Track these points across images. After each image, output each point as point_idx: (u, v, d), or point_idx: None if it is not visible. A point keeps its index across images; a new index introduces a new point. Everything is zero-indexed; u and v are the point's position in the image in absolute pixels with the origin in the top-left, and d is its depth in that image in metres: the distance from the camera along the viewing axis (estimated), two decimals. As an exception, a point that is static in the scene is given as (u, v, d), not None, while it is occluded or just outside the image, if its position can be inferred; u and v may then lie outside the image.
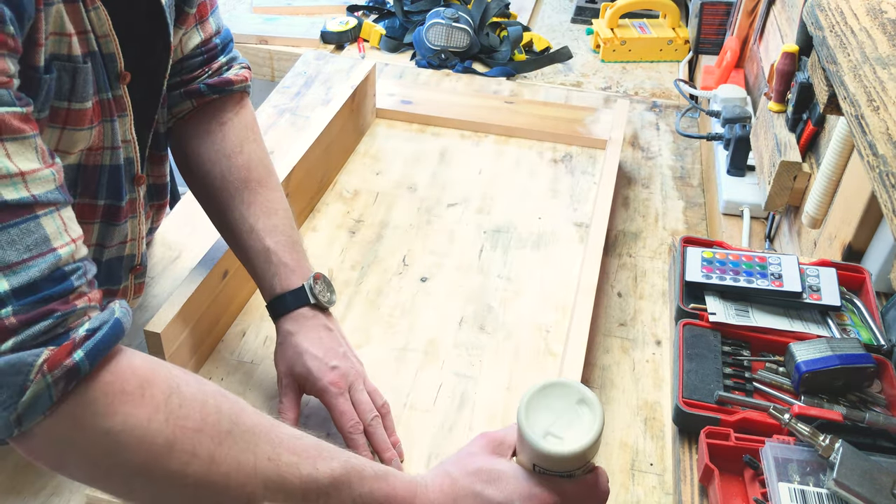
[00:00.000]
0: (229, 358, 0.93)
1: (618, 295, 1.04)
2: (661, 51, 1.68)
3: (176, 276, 1.04)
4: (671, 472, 0.81)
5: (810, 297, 0.87)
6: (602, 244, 0.98)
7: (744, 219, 1.13)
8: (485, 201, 1.20)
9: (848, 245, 0.90)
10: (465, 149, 1.32)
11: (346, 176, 1.25)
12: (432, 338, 0.96)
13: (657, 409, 0.88)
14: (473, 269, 1.07)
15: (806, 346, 0.80)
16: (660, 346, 0.96)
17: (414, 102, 1.40)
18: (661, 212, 1.20)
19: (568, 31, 1.82)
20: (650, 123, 1.43)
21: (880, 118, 0.63)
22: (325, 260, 1.07)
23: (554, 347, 0.95)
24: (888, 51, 0.70)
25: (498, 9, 1.67)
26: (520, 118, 1.36)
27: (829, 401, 0.78)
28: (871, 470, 0.66)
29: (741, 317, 0.87)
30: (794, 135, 1.01)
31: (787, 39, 1.21)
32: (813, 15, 0.82)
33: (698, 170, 1.30)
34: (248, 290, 1.00)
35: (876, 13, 0.75)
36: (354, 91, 1.25)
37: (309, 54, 1.60)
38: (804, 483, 0.69)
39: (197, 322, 0.88)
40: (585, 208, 1.19)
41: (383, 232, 1.13)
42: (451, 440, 0.84)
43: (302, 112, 1.41)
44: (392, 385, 0.90)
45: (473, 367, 0.93)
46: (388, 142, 1.33)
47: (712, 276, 0.90)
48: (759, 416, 0.76)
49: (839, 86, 0.71)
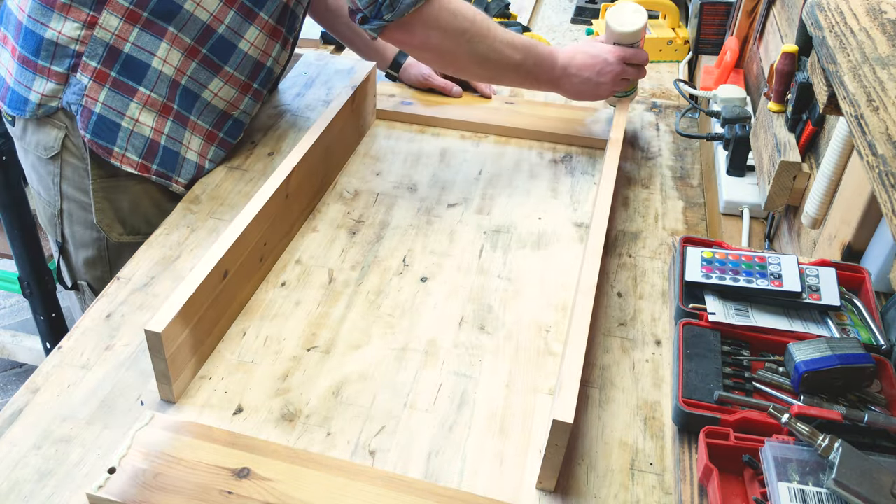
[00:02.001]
0: (229, 358, 0.93)
1: (618, 295, 1.04)
2: (661, 51, 1.68)
3: (176, 276, 1.04)
4: (671, 472, 0.82)
5: (810, 297, 0.87)
6: (602, 244, 0.98)
7: (743, 219, 1.14)
8: (485, 201, 1.20)
9: (847, 245, 0.90)
10: (465, 149, 1.32)
11: (347, 176, 1.25)
12: (432, 338, 0.96)
13: (657, 409, 0.88)
14: (473, 269, 1.07)
15: (805, 345, 0.80)
16: (660, 346, 0.96)
17: (414, 103, 1.40)
18: (660, 212, 1.20)
19: (568, 32, 1.82)
20: (650, 123, 1.43)
21: (880, 118, 0.63)
22: (325, 260, 1.08)
23: (554, 347, 0.95)
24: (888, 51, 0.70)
25: (498, 9, 1.67)
26: (520, 118, 1.37)
27: (828, 401, 0.78)
28: (870, 470, 0.66)
29: (741, 317, 0.88)
30: (793, 135, 1.01)
31: (786, 39, 1.21)
32: (812, 15, 0.82)
33: (698, 170, 1.30)
34: (248, 290, 1.00)
35: (876, 13, 0.75)
36: (355, 92, 1.26)
37: (309, 55, 1.60)
38: (804, 483, 0.69)
39: (197, 322, 0.88)
40: (585, 208, 1.19)
41: (383, 232, 1.13)
42: (451, 440, 0.84)
43: (302, 112, 1.41)
44: (392, 385, 0.90)
45: (473, 367, 0.93)
46: (389, 142, 1.34)
47: (712, 276, 0.91)
48: (759, 416, 0.76)
49: (839, 86, 0.71)
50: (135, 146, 1.14)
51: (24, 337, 2.01)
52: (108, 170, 1.16)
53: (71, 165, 1.16)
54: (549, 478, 0.78)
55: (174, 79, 1.14)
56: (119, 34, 1.09)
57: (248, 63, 1.21)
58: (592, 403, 0.89)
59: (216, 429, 0.81)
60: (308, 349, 0.94)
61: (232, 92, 1.22)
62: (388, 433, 0.85)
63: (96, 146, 1.12)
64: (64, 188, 1.18)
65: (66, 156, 1.16)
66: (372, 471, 0.78)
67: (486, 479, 0.80)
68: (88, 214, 1.19)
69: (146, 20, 1.09)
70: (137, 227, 1.21)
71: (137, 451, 0.78)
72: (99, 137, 1.12)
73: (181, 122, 1.18)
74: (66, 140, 1.14)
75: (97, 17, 1.08)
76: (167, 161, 1.18)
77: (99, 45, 1.09)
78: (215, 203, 1.18)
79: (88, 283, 1.27)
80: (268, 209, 1.01)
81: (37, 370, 0.91)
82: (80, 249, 1.24)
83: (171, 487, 0.75)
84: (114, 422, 0.85)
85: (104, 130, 1.12)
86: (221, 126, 1.24)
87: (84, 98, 1.10)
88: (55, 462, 0.80)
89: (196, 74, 1.16)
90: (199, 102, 1.19)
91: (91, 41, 1.08)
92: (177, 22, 1.11)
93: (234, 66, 1.19)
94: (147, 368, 0.89)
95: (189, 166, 1.21)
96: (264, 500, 0.74)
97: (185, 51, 1.13)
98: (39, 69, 1.11)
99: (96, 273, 1.26)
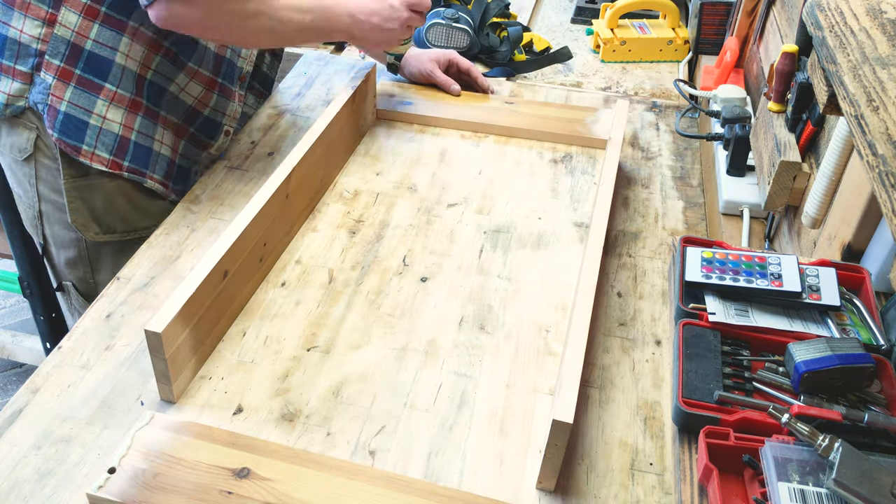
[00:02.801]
0: (229, 358, 0.93)
1: (618, 295, 1.04)
2: (661, 51, 1.68)
3: (176, 276, 1.04)
4: (671, 472, 0.82)
5: (810, 297, 0.87)
6: (602, 244, 0.98)
7: (743, 219, 1.14)
8: (485, 201, 1.20)
9: (847, 245, 0.90)
10: (465, 149, 1.32)
11: (347, 176, 1.25)
12: (432, 338, 0.96)
13: (657, 409, 0.88)
14: (473, 269, 1.07)
15: (805, 345, 0.80)
16: (660, 346, 0.96)
17: (414, 103, 1.40)
18: (660, 212, 1.20)
19: (568, 32, 1.82)
20: (650, 123, 1.43)
21: (880, 118, 0.63)
22: (325, 260, 1.08)
23: (554, 347, 0.95)
24: (888, 51, 0.70)
25: (498, 9, 1.67)
26: (520, 118, 1.37)
27: (828, 400, 0.78)
28: (870, 470, 0.66)
29: (741, 317, 0.88)
30: (793, 135, 1.01)
31: (786, 39, 1.21)
32: (813, 15, 0.82)
33: (698, 170, 1.30)
34: (248, 290, 1.00)
35: (876, 13, 0.75)
36: (354, 92, 1.26)
37: (309, 55, 1.60)
38: (804, 483, 0.69)
39: (197, 322, 0.88)
40: (585, 208, 1.19)
41: (383, 232, 1.13)
42: (451, 440, 0.84)
43: (302, 112, 1.41)
44: (392, 385, 0.90)
45: (473, 367, 0.93)
46: (388, 142, 1.34)
47: (712, 276, 0.91)
48: (759, 416, 0.76)
49: (839, 86, 0.71)
50: (104, 143, 1.13)
51: (24, 337, 2.01)
52: (79, 169, 1.15)
53: (45, 166, 1.16)
54: (549, 478, 0.78)
55: (139, 73, 1.14)
56: (79, 31, 1.08)
57: (209, 57, 1.20)
58: (592, 403, 0.89)
59: (216, 429, 0.81)
60: (308, 349, 0.94)
61: (198, 88, 1.21)
62: (388, 433, 0.85)
63: (65, 145, 1.11)
64: (40, 189, 1.18)
65: (40, 156, 1.15)
66: (372, 471, 0.78)
67: (486, 479, 0.80)
68: (64, 214, 1.19)
69: (105, 15, 1.09)
70: (113, 226, 1.20)
71: (137, 451, 0.78)
72: (67, 136, 1.11)
73: (151, 118, 1.17)
74: (38, 141, 1.14)
75: (56, 15, 1.07)
76: (139, 157, 1.17)
77: (60, 42, 1.08)
78: (215, 203, 1.18)
79: (73, 284, 1.27)
80: (268, 209, 1.01)
81: (37, 370, 0.91)
82: (60, 250, 1.24)
83: (171, 487, 0.75)
84: (114, 422, 0.85)
85: (72, 129, 1.11)
86: (192, 121, 1.23)
87: (49, 97, 1.10)
88: (55, 462, 0.80)
89: (161, 68, 1.16)
90: (167, 96, 1.18)
91: (52, 39, 1.08)
92: (136, 16, 1.10)
93: (198, 61, 1.19)
94: (147, 368, 0.89)
95: (163, 161, 1.20)
96: (264, 500, 0.74)
97: (147, 44, 1.13)
98: (4, 69, 1.10)
99: (78, 273, 1.25)
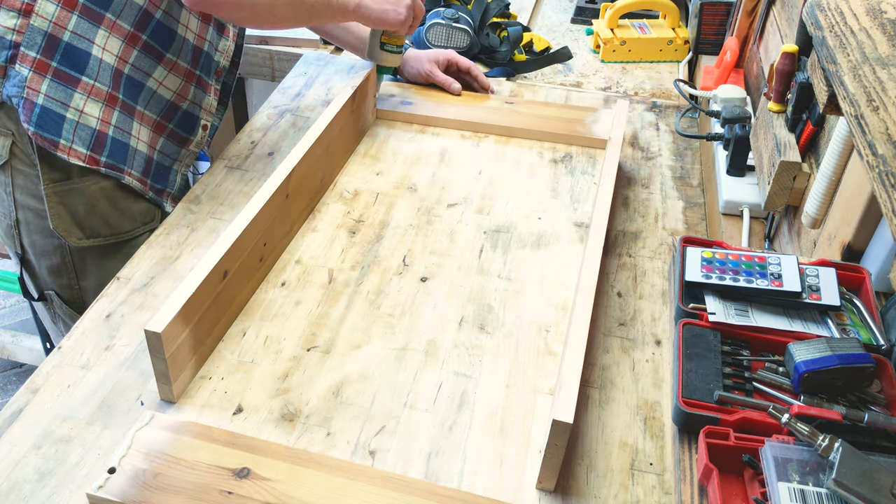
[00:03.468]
0: (229, 358, 0.93)
1: (618, 295, 1.04)
2: (661, 51, 1.68)
3: (176, 276, 1.04)
4: (671, 472, 0.82)
5: (810, 297, 0.87)
6: (602, 244, 0.98)
7: (743, 219, 1.14)
8: (485, 201, 1.20)
9: (847, 245, 0.90)
10: (465, 149, 1.32)
11: (347, 176, 1.25)
12: (432, 338, 0.96)
13: (657, 409, 0.88)
14: (473, 269, 1.07)
15: (805, 345, 0.80)
16: (660, 346, 0.96)
17: (414, 103, 1.40)
18: (660, 212, 1.20)
19: (568, 32, 1.82)
20: (650, 123, 1.43)
21: (880, 118, 0.63)
22: (325, 260, 1.08)
23: (554, 347, 0.95)
24: (888, 51, 0.70)
25: (498, 9, 1.67)
26: (520, 118, 1.37)
27: (828, 400, 0.78)
28: (870, 470, 0.66)
29: (741, 317, 0.88)
30: (793, 135, 1.01)
31: (786, 39, 1.21)
32: (813, 15, 0.82)
33: (698, 170, 1.30)
34: (248, 290, 1.00)
35: (876, 13, 0.75)
36: (355, 92, 1.26)
37: (309, 55, 1.60)
38: (804, 483, 0.69)
39: (197, 322, 0.88)
40: (585, 208, 1.19)
41: (383, 232, 1.13)
42: (451, 440, 0.84)
43: (302, 112, 1.41)
44: (392, 385, 0.90)
45: (473, 367, 0.93)
46: (388, 142, 1.34)
47: (712, 276, 0.91)
48: (759, 416, 0.76)
49: (839, 86, 0.71)
50: (82, 138, 1.11)
51: (24, 337, 2.01)
52: (59, 172, 1.12)
53: (22, 173, 1.13)
54: (549, 478, 0.78)
55: (116, 67, 1.12)
56: (57, 22, 1.06)
57: (187, 49, 1.19)
58: (592, 403, 0.89)
59: (216, 429, 0.81)
60: (308, 349, 0.94)
61: (177, 81, 1.20)
62: (388, 433, 0.85)
63: (41, 139, 1.08)
64: (17, 197, 1.15)
65: (16, 163, 1.12)
66: (372, 471, 0.78)
67: (486, 479, 0.80)
68: (45, 221, 1.15)
69: (83, 6, 1.07)
70: (97, 229, 1.18)
71: (137, 451, 0.78)
72: (43, 130, 1.08)
73: (128, 113, 1.16)
74: (14, 147, 1.11)
75: (32, 5, 1.05)
76: (116, 153, 1.15)
77: (37, 34, 1.06)
78: (215, 203, 1.18)
79: (56, 292, 1.23)
80: (268, 209, 1.01)
81: (37, 370, 0.91)
82: (42, 259, 1.20)
83: (171, 487, 0.75)
84: (114, 422, 0.85)
85: (48, 123, 1.08)
86: (171, 117, 1.22)
87: (25, 90, 1.07)
88: (55, 462, 0.80)
89: (138, 62, 1.14)
90: (144, 91, 1.17)
91: (28, 30, 1.05)
92: (114, 8, 1.09)
93: (176, 52, 1.18)
94: (147, 368, 0.89)
95: (140, 158, 1.18)
96: (264, 500, 0.74)
97: (124, 38, 1.12)
98: None
99: (62, 281, 1.22)
